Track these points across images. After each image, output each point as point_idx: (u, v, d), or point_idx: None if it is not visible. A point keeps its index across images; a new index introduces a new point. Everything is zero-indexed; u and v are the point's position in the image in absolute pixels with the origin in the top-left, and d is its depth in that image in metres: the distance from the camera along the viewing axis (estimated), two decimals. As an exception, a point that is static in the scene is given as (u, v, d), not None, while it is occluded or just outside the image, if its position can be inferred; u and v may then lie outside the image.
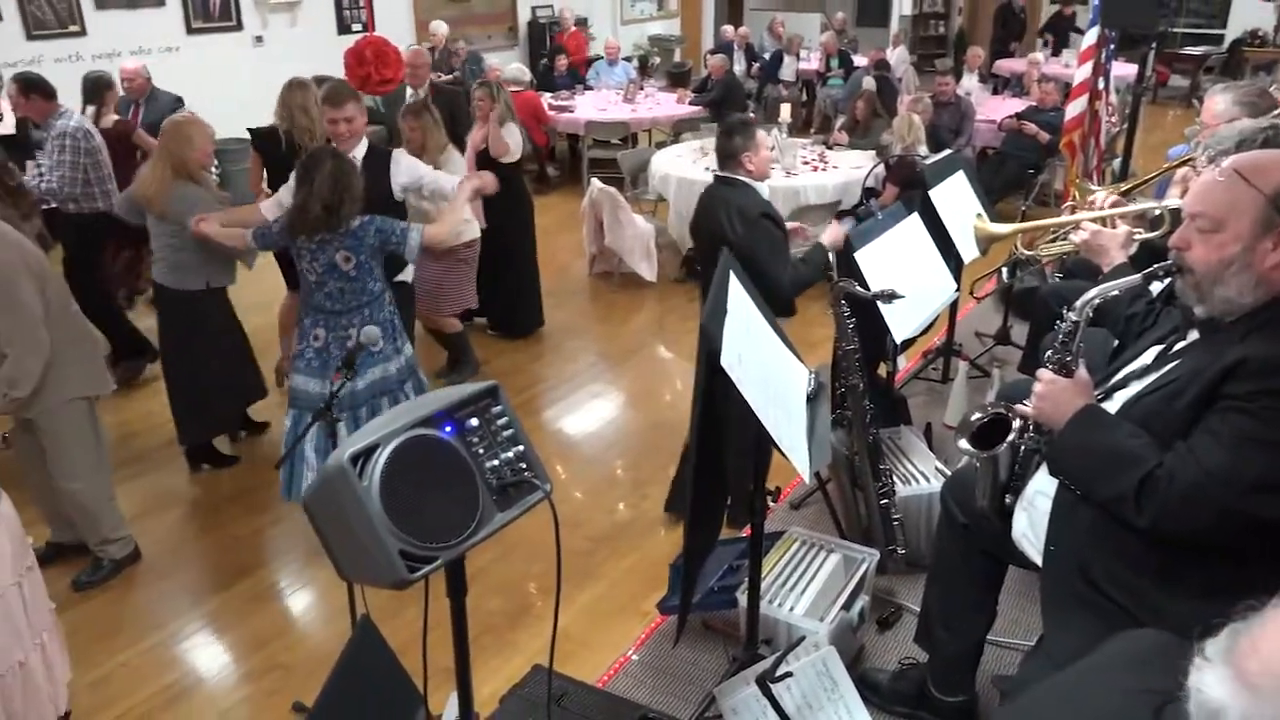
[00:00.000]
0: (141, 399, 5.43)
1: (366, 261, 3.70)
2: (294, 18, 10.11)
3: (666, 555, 3.85)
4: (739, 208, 3.64)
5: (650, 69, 13.12)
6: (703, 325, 2.19)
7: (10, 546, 2.69)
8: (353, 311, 3.76)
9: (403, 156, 4.14)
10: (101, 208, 5.26)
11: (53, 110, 5.14)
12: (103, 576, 3.87)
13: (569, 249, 7.92)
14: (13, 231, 3.39)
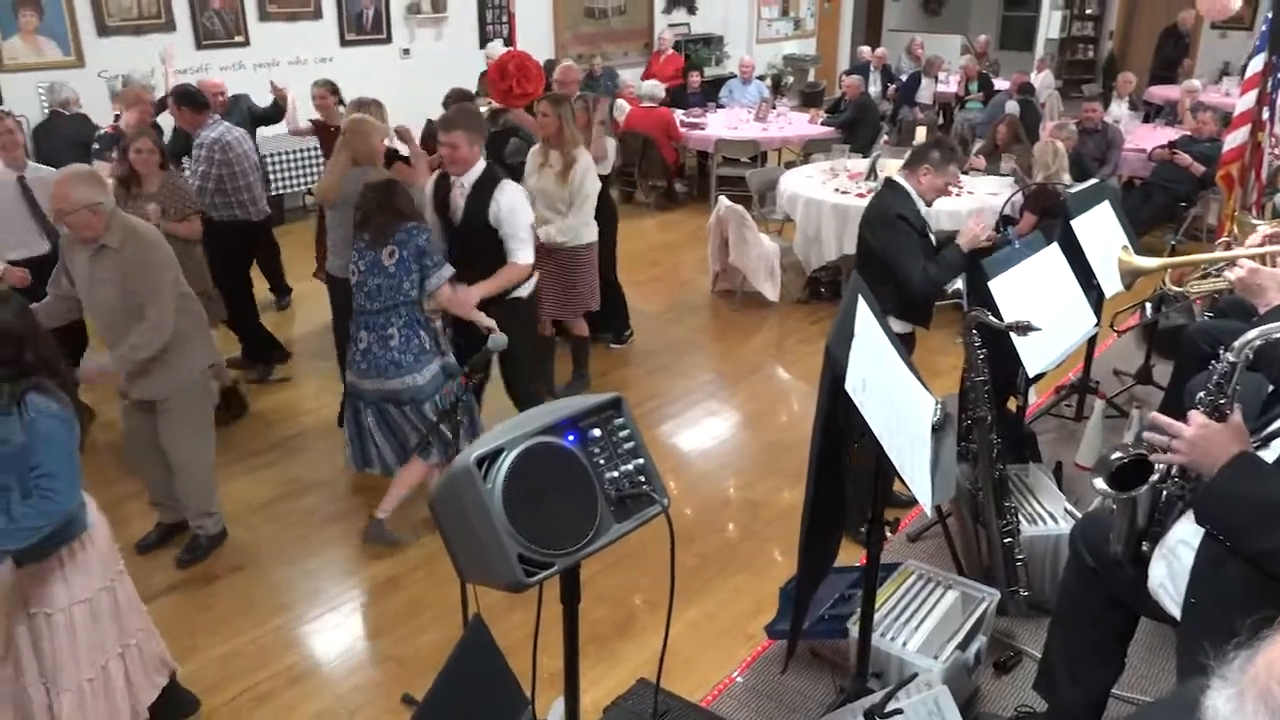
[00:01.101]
0: (274, 392, 5.69)
1: (408, 260, 3.85)
2: (439, 32, 10.49)
3: (776, 578, 3.80)
4: (881, 208, 3.97)
5: (783, 88, 13.06)
6: (828, 347, 2.16)
7: (101, 551, 2.83)
8: (390, 310, 3.89)
9: (506, 193, 4.17)
10: (240, 217, 5.53)
11: (202, 121, 5.42)
12: (200, 555, 4.05)
13: (692, 265, 7.93)
14: (137, 218, 3.73)
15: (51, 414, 2.59)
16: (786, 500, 4.55)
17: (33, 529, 2.55)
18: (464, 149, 4.11)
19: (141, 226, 3.66)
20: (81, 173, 3.55)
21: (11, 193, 4.85)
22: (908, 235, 3.91)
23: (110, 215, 3.51)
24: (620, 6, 12.41)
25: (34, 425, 2.56)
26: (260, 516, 4.43)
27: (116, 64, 7.96)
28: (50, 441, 2.57)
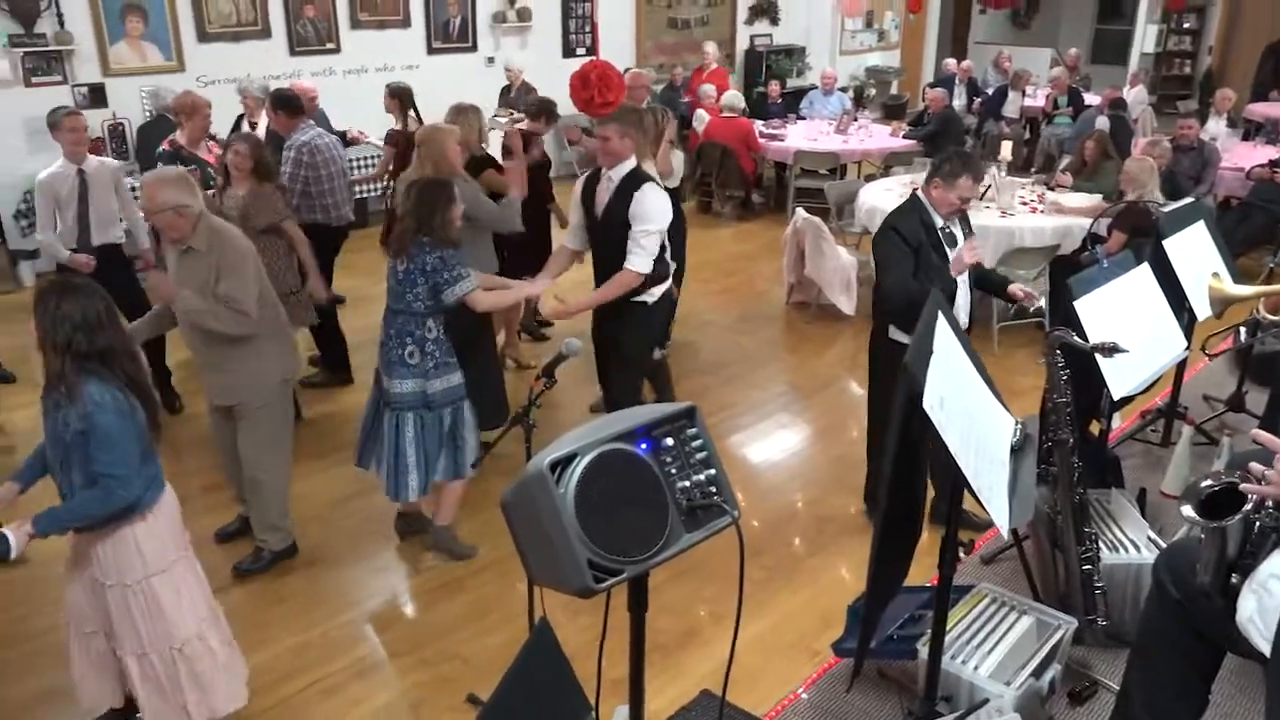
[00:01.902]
0: (347, 394, 5.79)
1: (414, 274, 3.77)
2: (524, 40, 10.65)
3: (843, 595, 3.75)
4: (887, 217, 4.00)
5: (865, 100, 12.92)
6: (905, 363, 2.13)
7: (172, 521, 2.97)
8: (395, 314, 3.88)
9: (648, 196, 4.12)
10: (320, 220, 5.64)
11: (296, 125, 5.58)
12: (261, 567, 4.06)
13: (767, 276, 7.89)
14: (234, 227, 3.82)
15: (108, 408, 2.65)
16: (854, 517, 4.49)
17: (90, 516, 2.73)
18: (615, 141, 4.11)
19: (227, 229, 3.74)
20: (171, 175, 3.67)
21: (70, 185, 5.11)
22: (895, 246, 3.87)
23: (197, 218, 3.61)
24: (703, 17, 12.44)
25: (92, 419, 2.64)
26: (335, 513, 4.53)
27: (214, 69, 8.26)
28: (109, 439, 2.66)
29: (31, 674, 3.48)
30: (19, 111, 7.53)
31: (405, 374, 3.84)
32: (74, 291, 2.68)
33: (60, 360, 2.64)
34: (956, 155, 3.94)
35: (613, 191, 4.19)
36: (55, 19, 7.57)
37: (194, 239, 3.61)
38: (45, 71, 7.64)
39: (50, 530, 2.70)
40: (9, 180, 7.52)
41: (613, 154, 4.15)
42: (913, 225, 3.90)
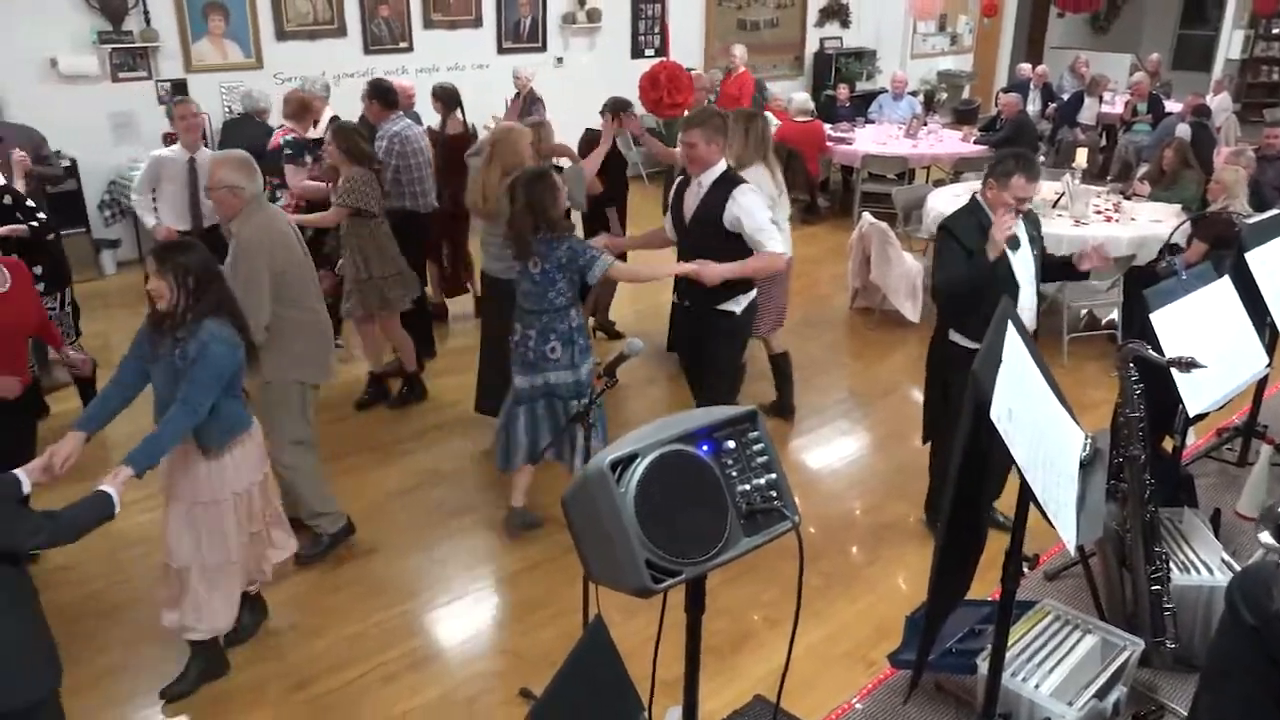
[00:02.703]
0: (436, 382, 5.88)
1: (552, 272, 3.89)
2: (593, 41, 10.70)
3: (901, 605, 3.71)
4: (946, 219, 3.98)
5: (936, 104, 12.72)
6: (973, 372, 2.09)
7: (259, 445, 3.37)
8: (535, 314, 3.99)
9: (744, 194, 4.07)
10: (408, 207, 5.77)
11: (388, 116, 5.70)
12: (322, 551, 4.13)
13: (831, 281, 7.82)
14: (280, 225, 3.86)
15: (223, 339, 3.03)
16: (914, 527, 4.43)
17: (176, 431, 2.98)
18: (700, 147, 4.07)
19: (258, 220, 3.77)
20: (236, 158, 3.77)
21: (182, 170, 5.36)
22: (948, 248, 3.85)
23: (248, 203, 3.71)
24: (773, 19, 12.36)
25: (207, 348, 2.99)
26: (394, 504, 4.60)
27: (291, 67, 8.45)
28: (209, 359, 3.00)
29: (103, 651, 3.59)
30: (105, 106, 7.79)
31: (550, 368, 4.01)
32: (191, 247, 3.11)
33: (186, 299, 3.00)
34: (1011, 155, 3.87)
35: (701, 196, 4.15)
36: (142, 17, 7.81)
37: (237, 223, 3.73)
38: (131, 67, 7.89)
39: (147, 463, 2.91)
40: (94, 172, 7.79)
41: (699, 160, 4.11)
42: (969, 227, 3.84)
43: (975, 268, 3.74)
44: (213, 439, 3.16)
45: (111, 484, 2.77)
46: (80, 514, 2.68)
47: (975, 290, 3.70)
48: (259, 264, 3.70)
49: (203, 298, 3.04)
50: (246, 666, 3.52)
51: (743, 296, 4.29)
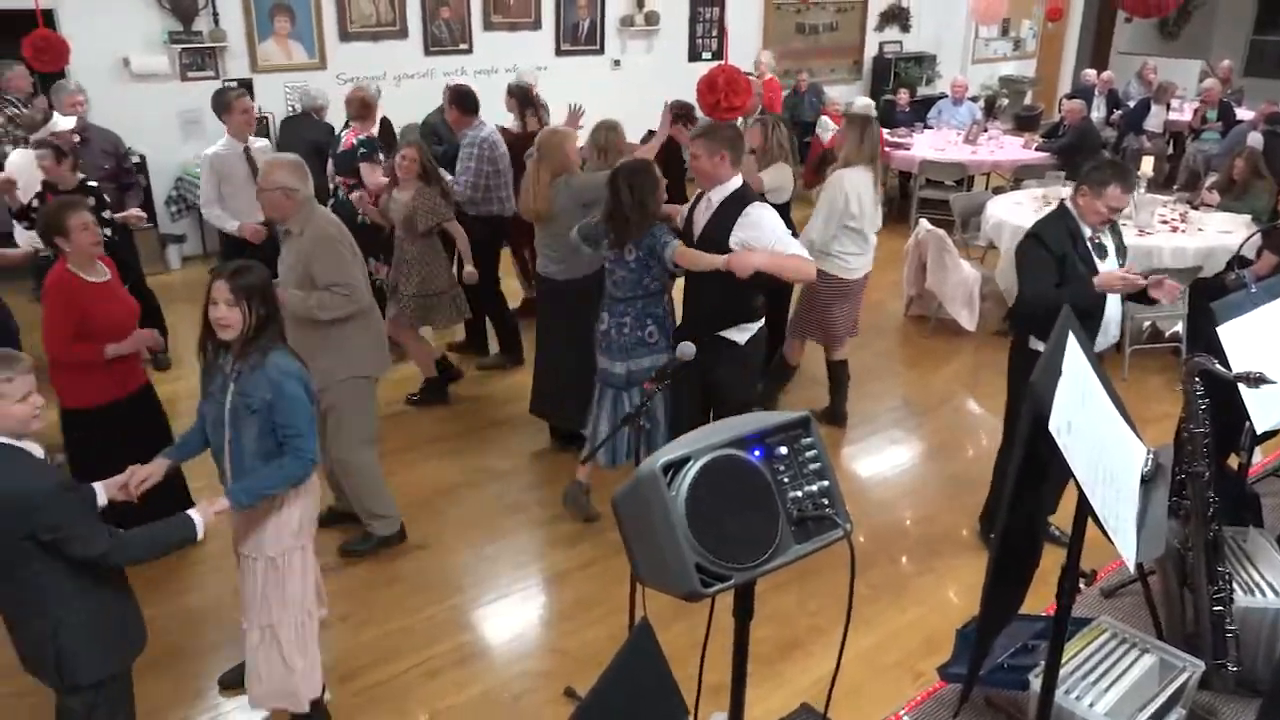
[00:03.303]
0: (471, 382, 5.95)
1: (645, 259, 4.00)
2: (650, 44, 10.72)
3: (951, 618, 3.65)
4: (1035, 224, 3.90)
5: (997, 110, 12.53)
6: (1032, 383, 2.05)
7: (316, 497, 3.13)
8: (629, 301, 4.09)
9: (754, 210, 3.87)
10: (495, 211, 5.83)
11: (469, 122, 5.75)
12: (368, 549, 4.17)
13: (885, 288, 7.73)
14: (335, 222, 3.92)
15: (294, 374, 2.87)
16: (966, 539, 4.37)
17: (288, 480, 2.88)
18: (704, 160, 3.85)
19: (319, 216, 3.85)
20: (291, 161, 3.84)
21: (240, 162, 5.39)
22: (1037, 254, 3.77)
23: (301, 204, 3.77)
24: (832, 23, 12.28)
25: (280, 386, 2.82)
26: (446, 500, 4.65)
27: (352, 68, 8.60)
28: (296, 401, 2.85)
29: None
30: (175, 104, 8.00)
31: (645, 353, 4.14)
32: (254, 269, 2.91)
33: (255, 330, 2.83)
34: (1108, 163, 3.82)
35: (710, 214, 3.94)
36: (211, 17, 8.01)
37: (292, 222, 3.78)
38: (199, 67, 8.09)
39: (247, 503, 2.82)
40: (163, 168, 8.00)
41: (703, 174, 3.89)
42: (1058, 233, 3.78)
43: (1075, 293, 3.65)
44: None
45: (201, 510, 2.71)
46: (158, 533, 2.65)
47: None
48: (341, 249, 3.79)
49: (268, 326, 2.88)
50: (298, 656, 3.57)
51: (748, 326, 4.04)
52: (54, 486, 2.41)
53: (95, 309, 3.74)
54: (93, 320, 3.72)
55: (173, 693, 3.41)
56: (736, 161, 3.91)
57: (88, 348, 3.72)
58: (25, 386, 2.44)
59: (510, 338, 6.14)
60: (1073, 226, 3.79)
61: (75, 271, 3.73)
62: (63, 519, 2.39)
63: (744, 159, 5.06)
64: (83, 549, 2.42)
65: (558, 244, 4.60)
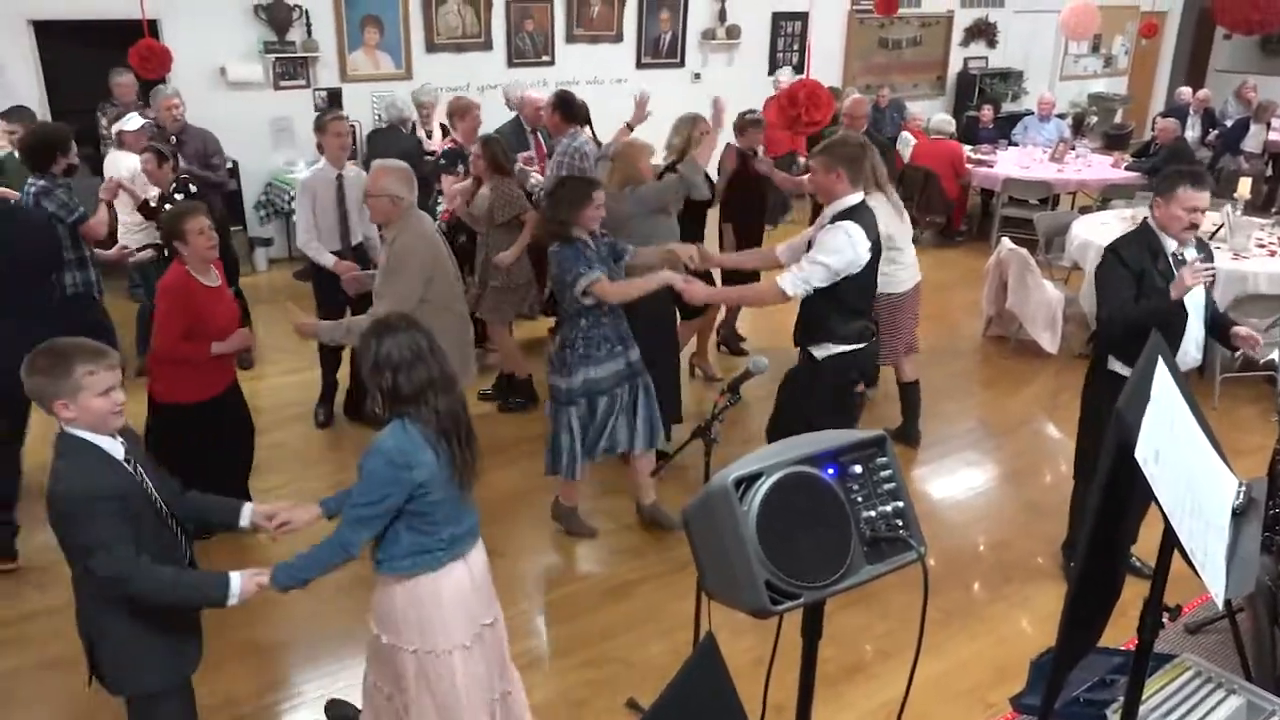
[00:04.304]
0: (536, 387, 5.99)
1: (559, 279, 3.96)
2: (730, 58, 10.73)
3: (1024, 647, 3.56)
4: (1114, 240, 3.83)
5: (1085, 128, 12.22)
6: (1118, 410, 1.99)
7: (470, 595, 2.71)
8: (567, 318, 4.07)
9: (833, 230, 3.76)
10: None
11: (567, 129, 5.82)
12: None
13: (964, 307, 7.60)
14: (430, 229, 4.01)
15: (384, 449, 2.49)
16: (1041, 566, 4.25)
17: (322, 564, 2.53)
18: (819, 175, 3.84)
19: (414, 227, 3.91)
20: (397, 167, 3.95)
21: (330, 188, 5.34)
22: (1115, 271, 3.69)
23: (404, 211, 3.87)
24: (916, 37, 12.14)
25: (365, 459, 2.52)
26: (515, 505, 4.69)
27: (438, 78, 8.77)
28: (370, 477, 2.50)
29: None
30: (267, 112, 8.27)
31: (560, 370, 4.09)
32: (393, 331, 2.55)
33: (380, 402, 2.54)
34: (1174, 170, 3.75)
35: (820, 228, 3.89)
36: (304, 28, 8.26)
37: (392, 229, 3.89)
38: (291, 76, 8.35)
39: (287, 584, 2.50)
40: (253, 173, 8.27)
41: (821, 189, 3.87)
42: (1138, 250, 3.68)
43: (1153, 307, 3.57)
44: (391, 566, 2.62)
45: (243, 578, 2.45)
46: (188, 581, 2.46)
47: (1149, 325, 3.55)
48: (411, 269, 3.85)
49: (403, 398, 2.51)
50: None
51: (831, 346, 3.87)
52: (100, 492, 2.27)
53: (206, 311, 3.90)
54: (203, 322, 3.89)
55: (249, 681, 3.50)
56: (855, 180, 3.80)
57: (194, 347, 3.88)
58: (108, 381, 2.36)
59: None
60: (1154, 242, 3.70)
61: (192, 274, 3.89)
62: (88, 527, 2.26)
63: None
64: (103, 566, 2.28)
65: None
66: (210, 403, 4.02)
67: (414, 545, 2.57)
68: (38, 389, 2.34)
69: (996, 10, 12.67)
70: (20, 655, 3.66)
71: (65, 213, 4.61)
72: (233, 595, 2.42)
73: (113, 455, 2.41)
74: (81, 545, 2.30)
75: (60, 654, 3.62)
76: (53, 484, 2.32)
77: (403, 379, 2.49)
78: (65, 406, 2.33)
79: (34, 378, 2.34)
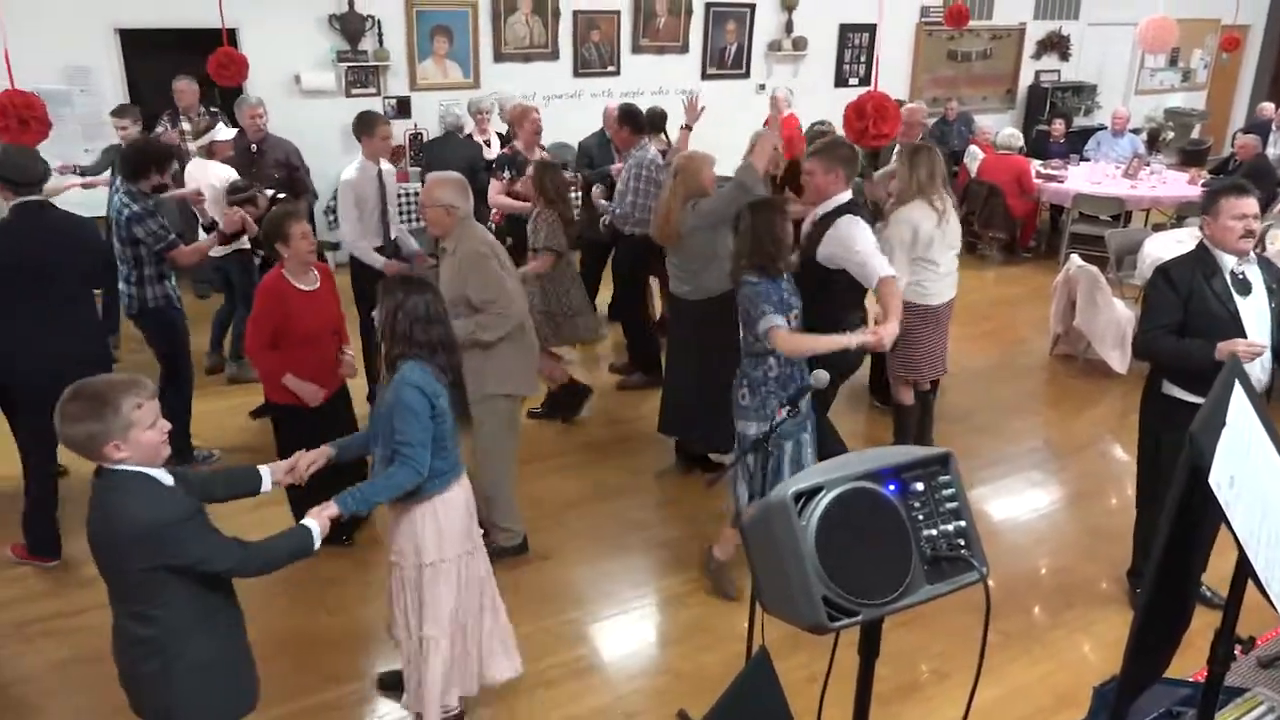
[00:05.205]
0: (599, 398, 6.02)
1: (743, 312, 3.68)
2: (796, 69, 10.68)
3: (1086, 674, 3.47)
4: (1166, 261, 3.74)
5: (1161, 144, 11.92)
6: (1191, 433, 1.93)
7: (460, 517, 3.12)
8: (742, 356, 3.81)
9: (844, 225, 3.87)
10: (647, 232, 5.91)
11: (636, 141, 5.86)
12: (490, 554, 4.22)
13: (1030, 324, 7.45)
14: (486, 237, 4.04)
15: (414, 383, 2.86)
16: (1105, 592, 4.15)
17: (392, 488, 2.88)
18: (819, 176, 3.93)
19: (470, 234, 3.95)
20: (451, 178, 3.99)
21: (372, 183, 5.38)
22: (1160, 292, 3.62)
23: (459, 222, 3.91)
24: (986, 50, 11.96)
25: (398, 393, 2.86)
26: (570, 514, 4.71)
27: (504, 87, 8.89)
28: (408, 412, 2.85)
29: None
30: (338, 119, 8.41)
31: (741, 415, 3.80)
32: (421, 290, 2.97)
33: (395, 345, 2.92)
34: (1215, 183, 3.65)
35: (808, 231, 3.92)
36: (376, 38, 8.43)
37: (449, 240, 3.93)
38: (362, 84, 8.53)
39: (354, 507, 2.79)
40: (322, 179, 8.43)
41: (815, 191, 3.90)
42: (1189, 271, 3.59)
43: (1189, 350, 3.50)
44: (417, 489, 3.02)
45: (315, 518, 2.65)
46: (277, 544, 2.56)
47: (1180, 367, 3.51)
48: (493, 266, 3.89)
49: (417, 344, 2.92)
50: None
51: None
52: (182, 515, 2.31)
53: (296, 315, 3.99)
54: (291, 327, 3.98)
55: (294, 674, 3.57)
56: (849, 179, 3.97)
57: (271, 359, 4.00)
58: (154, 413, 2.31)
59: (650, 357, 6.17)
60: (1209, 262, 3.58)
61: (289, 277, 4.00)
62: (193, 544, 2.32)
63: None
64: (221, 565, 2.38)
65: (688, 265, 4.64)
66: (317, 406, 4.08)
67: (431, 469, 2.94)
68: (86, 436, 2.23)
69: (1070, 23, 12.43)
70: (66, 649, 3.75)
71: (153, 241, 4.68)
72: (316, 538, 2.61)
73: (164, 483, 2.36)
74: (184, 565, 2.31)
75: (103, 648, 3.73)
76: (131, 515, 2.24)
77: (419, 330, 2.91)
78: (117, 448, 2.24)
79: (79, 425, 2.22)
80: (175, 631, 2.36)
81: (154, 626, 2.35)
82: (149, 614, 2.34)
